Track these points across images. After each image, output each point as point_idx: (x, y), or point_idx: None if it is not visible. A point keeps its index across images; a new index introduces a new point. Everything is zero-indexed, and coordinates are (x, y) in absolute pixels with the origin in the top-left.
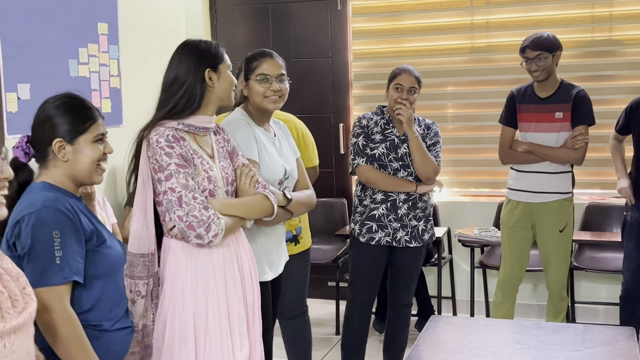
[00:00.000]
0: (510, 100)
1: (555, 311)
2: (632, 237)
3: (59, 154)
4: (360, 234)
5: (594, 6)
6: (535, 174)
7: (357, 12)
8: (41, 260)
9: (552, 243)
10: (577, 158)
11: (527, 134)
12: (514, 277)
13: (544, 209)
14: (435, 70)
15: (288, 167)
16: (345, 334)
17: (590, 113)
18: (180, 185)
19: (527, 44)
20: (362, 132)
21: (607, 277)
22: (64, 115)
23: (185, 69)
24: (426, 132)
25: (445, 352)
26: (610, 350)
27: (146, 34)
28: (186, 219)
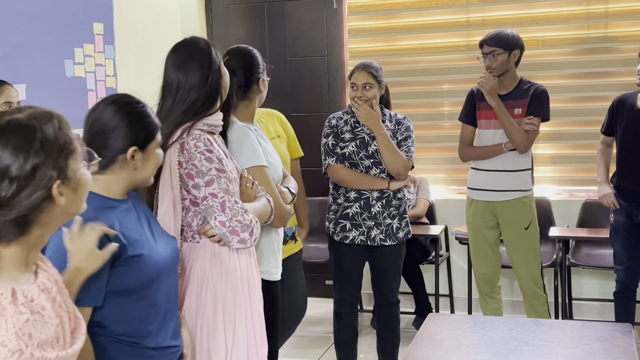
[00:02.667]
0: (470, 98)
1: (531, 309)
2: (619, 240)
3: (131, 162)
4: (334, 233)
5: (589, 3)
6: (494, 173)
7: (353, 10)
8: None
9: (518, 241)
10: (525, 139)
11: (487, 131)
12: (489, 276)
13: (506, 207)
14: (431, 68)
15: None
16: (337, 332)
17: (545, 108)
18: (222, 191)
19: (485, 39)
20: (332, 132)
21: (603, 273)
22: (138, 122)
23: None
24: (397, 127)
25: (443, 350)
26: (608, 347)
27: (142, 33)
28: (229, 224)
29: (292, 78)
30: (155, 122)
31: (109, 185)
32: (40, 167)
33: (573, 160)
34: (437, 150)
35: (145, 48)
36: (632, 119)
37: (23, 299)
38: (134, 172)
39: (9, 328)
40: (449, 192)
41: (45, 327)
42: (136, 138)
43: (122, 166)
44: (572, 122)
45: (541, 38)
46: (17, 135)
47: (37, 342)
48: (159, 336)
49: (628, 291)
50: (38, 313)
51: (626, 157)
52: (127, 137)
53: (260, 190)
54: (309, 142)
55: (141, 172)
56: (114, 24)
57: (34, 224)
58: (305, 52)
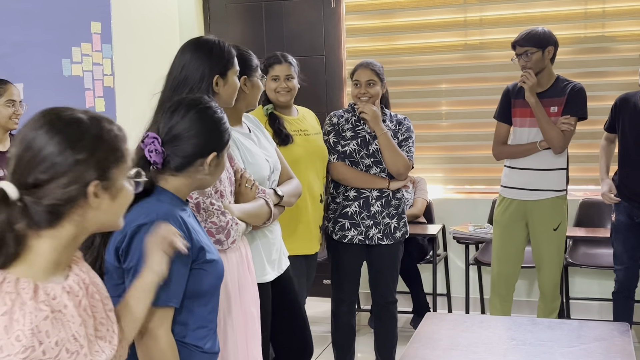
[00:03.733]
0: (505, 96)
1: (547, 310)
2: (619, 239)
3: (208, 167)
4: (333, 232)
5: (587, 2)
6: (529, 171)
7: (351, 9)
8: None
9: (545, 241)
10: (561, 139)
11: (522, 129)
12: (508, 276)
13: (538, 207)
14: (429, 67)
15: (271, 159)
16: (335, 331)
17: (583, 107)
18: (197, 192)
19: (517, 39)
20: (333, 130)
21: (601, 272)
22: (218, 129)
23: (197, 72)
24: (398, 127)
25: (441, 349)
26: (605, 346)
27: (139, 32)
28: (205, 225)
29: None
30: (229, 128)
31: (180, 187)
32: (82, 162)
33: (571, 160)
34: (434, 149)
35: (143, 47)
36: (635, 118)
37: (44, 297)
38: (205, 176)
39: (26, 323)
40: (446, 191)
41: (64, 327)
42: (215, 144)
43: (198, 170)
44: None
45: None
46: (71, 128)
47: (56, 340)
48: (213, 341)
49: (627, 291)
50: (60, 312)
51: (628, 157)
52: (209, 144)
53: (260, 192)
54: None
55: (211, 177)
56: (112, 23)
57: (65, 217)
58: (303, 51)
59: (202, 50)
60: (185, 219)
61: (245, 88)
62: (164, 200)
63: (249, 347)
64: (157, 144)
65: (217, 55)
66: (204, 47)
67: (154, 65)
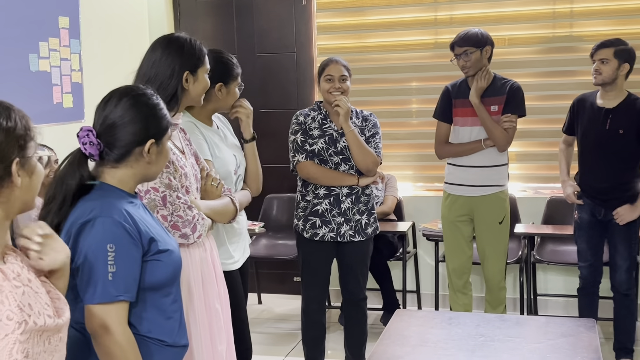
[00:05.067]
0: (445, 96)
1: (494, 302)
2: (583, 237)
3: (147, 155)
4: (304, 230)
5: (555, 2)
6: (473, 169)
7: (322, 7)
8: (93, 275)
9: (491, 235)
10: (505, 138)
11: (464, 128)
12: (463, 271)
13: (483, 202)
14: (400, 65)
15: (238, 155)
16: (305, 329)
17: (522, 104)
18: (163, 185)
19: (455, 40)
20: (300, 129)
21: (567, 269)
22: (154, 115)
23: (168, 69)
24: (364, 124)
25: (410, 346)
26: (572, 342)
27: (108, 27)
28: (170, 219)
29: (261, 74)
30: (168, 115)
31: (124, 178)
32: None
33: (538, 158)
34: (405, 147)
35: (111, 42)
36: (593, 117)
37: (13, 274)
38: (148, 166)
39: (11, 302)
40: (416, 189)
41: (37, 297)
42: (153, 131)
43: (137, 159)
44: (538, 120)
45: (508, 37)
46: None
47: (37, 309)
48: (179, 334)
49: (591, 287)
50: (27, 285)
51: (588, 155)
52: (144, 131)
53: (226, 190)
54: (277, 139)
55: (155, 166)
56: (80, 17)
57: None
58: (274, 48)
59: (173, 47)
60: (132, 212)
61: (219, 94)
62: (106, 194)
63: (214, 344)
64: (91, 136)
65: (188, 53)
66: (175, 44)
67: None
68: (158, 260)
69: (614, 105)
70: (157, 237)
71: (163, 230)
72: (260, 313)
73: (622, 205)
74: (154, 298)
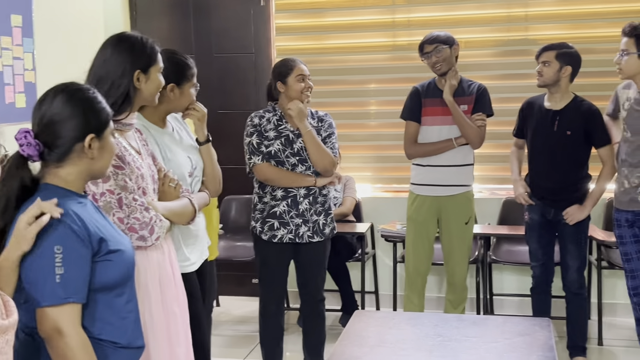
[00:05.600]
0: (415, 96)
1: (456, 301)
2: (534, 237)
3: (89, 151)
4: (262, 232)
5: (510, 6)
6: (443, 168)
7: (281, 8)
8: (41, 278)
9: (457, 235)
10: (478, 135)
11: (432, 128)
12: (425, 272)
13: (451, 202)
14: (358, 67)
15: (193, 157)
16: (263, 331)
17: (490, 105)
18: (119, 187)
19: (423, 40)
20: (255, 131)
21: (522, 269)
22: (91, 109)
23: (119, 68)
24: (320, 124)
25: (369, 347)
26: (528, 341)
27: (63, 26)
28: (127, 221)
29: (219, 75)
30: (108, 108)
31: (69, 178)
32: None
33: (494, 160)
34: (363, 148)
35: (66, 42)
36: (541, 119)
37: None
38: (91, 162)
39: None
40: (375, 190)
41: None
42: (91, 125)
43: (80, 156)
44: (494, 122)
45: (464, 40)
46: None
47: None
48: (134, 335)
49: (544, 286)
50: None
51: (537, 157)
52: (83, 125)
53: (184, 191)
54: (235, 140)
55: (99, 162)
56: (33, 16)
57: None
58: (232, 48)
59: (124, 45)
60: (80, 212)
61: (171, 95)
62: (50, 196)
63: (172, 346)
64: (29, 137)
65: (139, 51)
66: (125, 43)
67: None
68: (109, 260)
69: (560, 107)
70: (108, 237)
71: (115, 230)
72: (218, 315)
73: (571, 205)
74: (106, 299)
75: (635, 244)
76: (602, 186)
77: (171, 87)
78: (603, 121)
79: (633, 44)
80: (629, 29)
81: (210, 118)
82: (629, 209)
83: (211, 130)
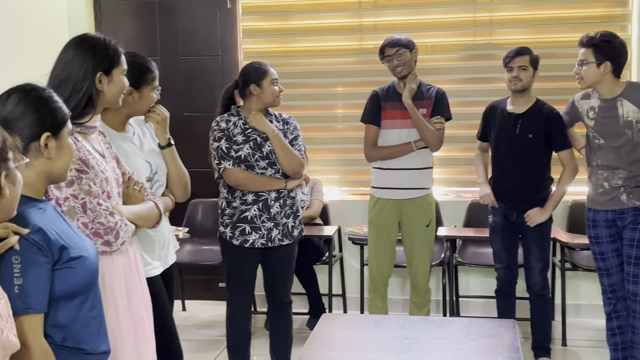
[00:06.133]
0: (375, 100)
1: (420, 304)
2: (497, 239)
3: (45, 150)
4: (233, 237)
5: (475, 11)
6: (403, 171)
7: (247, 10)
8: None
9: (419, 237)
10: (438, 138)
11: (392, 131)
12: (388, 274)
13: (412, 205)
14: (325, 70)
15: (154, 162)
16: (230, 335)
17: (448, 108)
18: (83, 192)
19: (384, 44)
20: (223, 135)
21: (487, 271)
22: (46, 107)
23: (80, 70)
24: (285, 127)
25: (337, 350)
26: (494, 342)
27: (25, 29)
28: (92, 226)
29: (185, 77)
30: (64, 108)
31: (27, 181)
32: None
33: (460, 162)
34: (330, 152)
35: (28, 44)
36: (504, 122)
37: None
38: (49, 162)
39: None
40: (342, 193)
41: None
42: (46, 123)
43: (37, 156)
44: (459, 125)
45: (430, 44)
46: None
47: None
48: (99, 340)
49: (508, 288)
50: None
51: (501, 159)
52: (37, 124)
53: (149, 194)
54: (202, 143)
55: (57, 163)
56: None
57: None
58: (199, 51)
59: (85, 47)
60: (39, 220)
61: (130, 98)
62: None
63: (140, 352)
64: None
65: (101, 53)
66: (87, 44)
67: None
68: (71, 267)
69: (523, 110)
70: (69, 244)
71: (78, 235)
72: (184, 320)
73: (534, 207)
74: (69, 306)
75: (611, 244)
76: (563, 189)
77: (129, 90)
78: (564, 125)
79: (591, 53)
80: (586, 39)
81: (176, 120)
82: (609, 209)
83: (177, 133)
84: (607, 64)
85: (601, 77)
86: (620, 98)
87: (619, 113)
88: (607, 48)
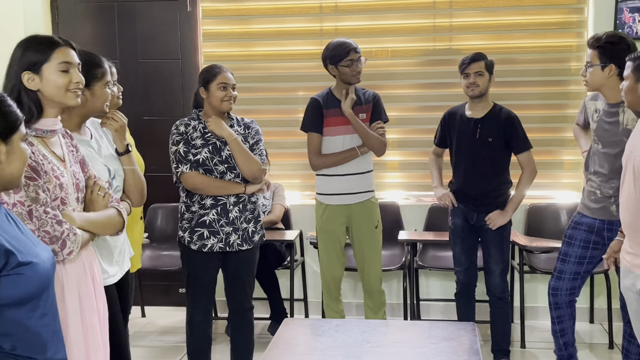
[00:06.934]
0: (317, 107)
1: (375, 307)
2: (457, 242)
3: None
4: (191, 242)
5: (435, 17)
6: (349, 176)
7: (208, 14)
8: None
9: (369, 240)
10: (381, 143)
11: (336, 138)
12: (338, 278)
13: (360, 208)
14: (287, 74)
15: (112, 166)
16: (190, 341)
17: (385, 112)
18: (29, 199)
19: (353, 47)
20: (182, 139)
21: (447, 274)
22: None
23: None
24: (247, 131)
25: (298, 355)
26: (454, 345)
27: None
28: (37, 234)
29: (144, 80)
30: (17, 112)
31: None
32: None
33: (420, 166)
34: (292, 156)
35: None
36: (463, 127)
37: None
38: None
39: None
40: (304, 197)
41: None
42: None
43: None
44: (419, 130)
45: (391, 49)
46: None
47: None
48: (52, 348)
49: (468, 290)
50: None
51: (461, 164)
52: None
53: (113, 200)
54: (161, 147)
55: (7, 168)
56: None
57: None
58: (158, 54)
59: (19, 47)
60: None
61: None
62: None
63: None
64: None
65: (30, 50)
66: (22, 44)
67: None
68: (19, 274)
69: (481, 115)
70: (18, 249)
71: (31, 241)
72: (144, 326)
73: (494, 210)
74: (17, 313)
75: (581, 249)
76: (522, 192)
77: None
78: (522, 128)
79: (596, 55)
80: (592, 41)
81: (135, 124)
82: (598, 217)
83: (136, 137)
84: (612, 66)
85: (606, 80)
86: (622, 104)
87: (620, 120)
88: (612, 50)
